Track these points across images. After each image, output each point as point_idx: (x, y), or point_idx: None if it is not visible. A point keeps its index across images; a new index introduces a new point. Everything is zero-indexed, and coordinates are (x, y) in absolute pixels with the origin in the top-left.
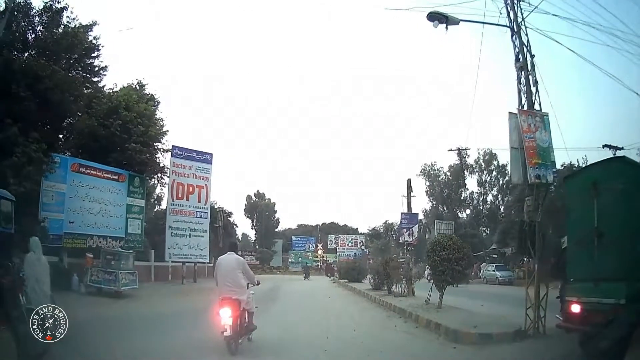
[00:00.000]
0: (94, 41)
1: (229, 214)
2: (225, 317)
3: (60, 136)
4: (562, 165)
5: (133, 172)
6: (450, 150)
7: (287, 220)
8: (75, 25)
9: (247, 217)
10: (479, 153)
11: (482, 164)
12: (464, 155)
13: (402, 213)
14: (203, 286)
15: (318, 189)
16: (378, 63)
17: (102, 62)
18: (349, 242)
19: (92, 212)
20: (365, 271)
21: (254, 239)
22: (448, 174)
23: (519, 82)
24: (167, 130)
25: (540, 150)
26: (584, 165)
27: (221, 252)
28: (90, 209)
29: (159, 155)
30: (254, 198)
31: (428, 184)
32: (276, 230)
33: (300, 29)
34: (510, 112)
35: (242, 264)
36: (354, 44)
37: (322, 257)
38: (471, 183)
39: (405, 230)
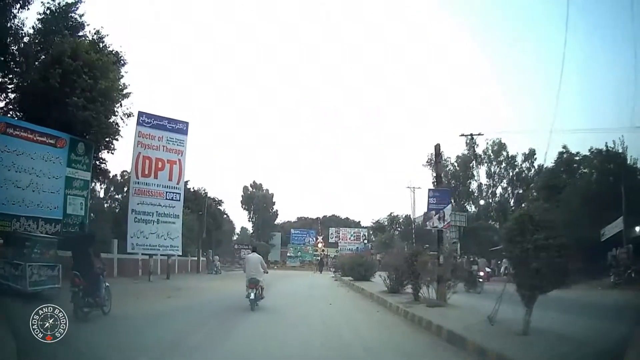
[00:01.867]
0: None
1: (219, 202)
2: (251, 289)
3: None
4: (590, 151)
5: (77, 136)
6: (463, 135)
7: (286, 212)
8: None
9: (244, 208)
10: (487, 143)
11: (491, 154)
12: (473, 144)
13: (429, 190)
14: (174, 285)
15: (319, 180)
16: (382, 48)
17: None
18: (351, 235)
19: (20, 186)
20: (374, 267)
21: (251, 231)
22: (456, 164)
23: None
24: (129, 93)
25: None
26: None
27: (205, 243)
28: (17, 182)
29: (118, 120)
30: (250, 189)
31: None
32: (275, 223)
33: (303, 7)
34: None
35: (260, 260)
36: (359, 27)
37: (323, 251)
38: (479, 175)
39: (433, 212)
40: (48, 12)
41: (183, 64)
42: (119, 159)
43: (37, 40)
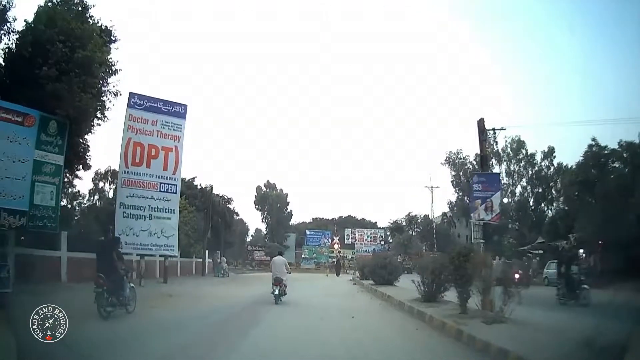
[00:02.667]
0: None
1: (228, 200)
2: (275, 286)
3: None
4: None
5: (48, 113)
6: (486, 130)
7: (301, 213)
8: None
9: (257, 209)
10: (506, 140)
11: (510, 152)
12: (493, 141)
13: (474, 175)
14: (169, 290)
15: (335, 180)
16: (400, 46)
17: None
18: (368, 236)
19: None
20: (399, 270)
21: (265, 232)
22: (474, 162)
23: None
24: (118, 70)
25: None
26: None
27: (212, 244)
28: None
29: (103, 99)
30: (264, 189)
31: (453, 173)
32: (289, 223)
33: (321, 6)
34: None
35: (284, 262)
36: (377, 26)
37: (339, 252)
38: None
39: (479, 201)
40: None
41: (196, 59)
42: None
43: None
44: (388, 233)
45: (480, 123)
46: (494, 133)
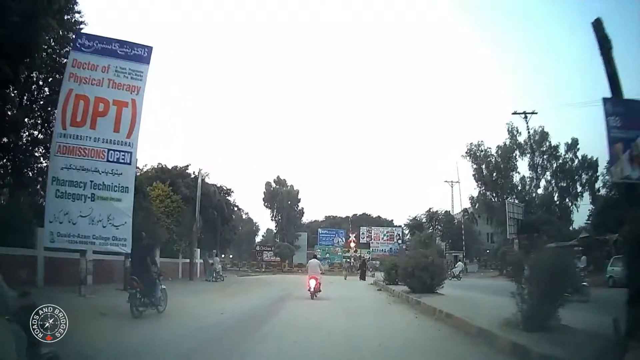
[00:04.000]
0: None
1: (227, 191)
2: (312, 283)
3: None
4: None
5: None
6: (515, 113)
7: (313, 211)
8: None
9: (267, 206)
10: (529, 132)
11: (534, 144)
12: (515, 132)
13: (607, 100)
14: (107, 305)
15: (348, 177)
16: (415, 38)
17: None
18: (384, 235)
19: None
20: (443, 273)
21: (275, 231)
22: (496, 155)
23: None
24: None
25: None
26: None
27: (205, 242)
28: None
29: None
30: (274, 185)
31: (475, 166)
32: (300, 222)
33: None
34: None
35: (319, 264)
36: (392, 17)
37: (356, 251)
38: (521, 167)
39: (620, 146)
40: None
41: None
42: None
43: None
44: (406, 231)
45: (597, 24)
46: (525, 117)
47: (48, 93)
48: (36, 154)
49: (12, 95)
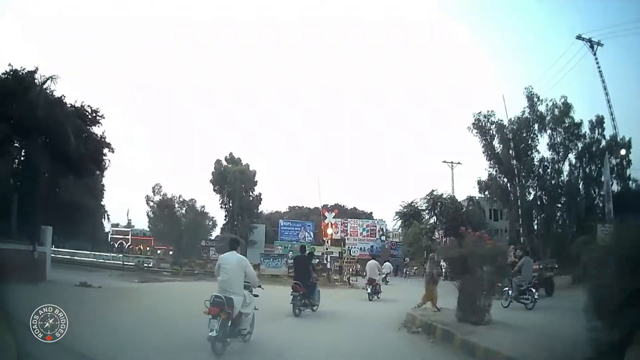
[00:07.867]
0: None
1: (91, 116)
2: (369, 285)
3: None
4: None
5: None
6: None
7: (273, 201)
8: None
9: (216, 190)
10: (547, 104)
11: (553, 119)
12: (536, 101)
13: None
14: None
15: (318, 162)
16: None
17: None
18: (363, 230)
19: None
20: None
21: (225, 221)
22: (509, 131)
23: None
24: None
25: None
26: None
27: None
28: None
29: None
30: (224, 163)
31: (483, 142)
32: (257, 211)
33: None
34: None
35: (377, 265)
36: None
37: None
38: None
39: None
40: None
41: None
42: None
43: None
44: (396, 224)
45: None
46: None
47: None
48: None
49: None
